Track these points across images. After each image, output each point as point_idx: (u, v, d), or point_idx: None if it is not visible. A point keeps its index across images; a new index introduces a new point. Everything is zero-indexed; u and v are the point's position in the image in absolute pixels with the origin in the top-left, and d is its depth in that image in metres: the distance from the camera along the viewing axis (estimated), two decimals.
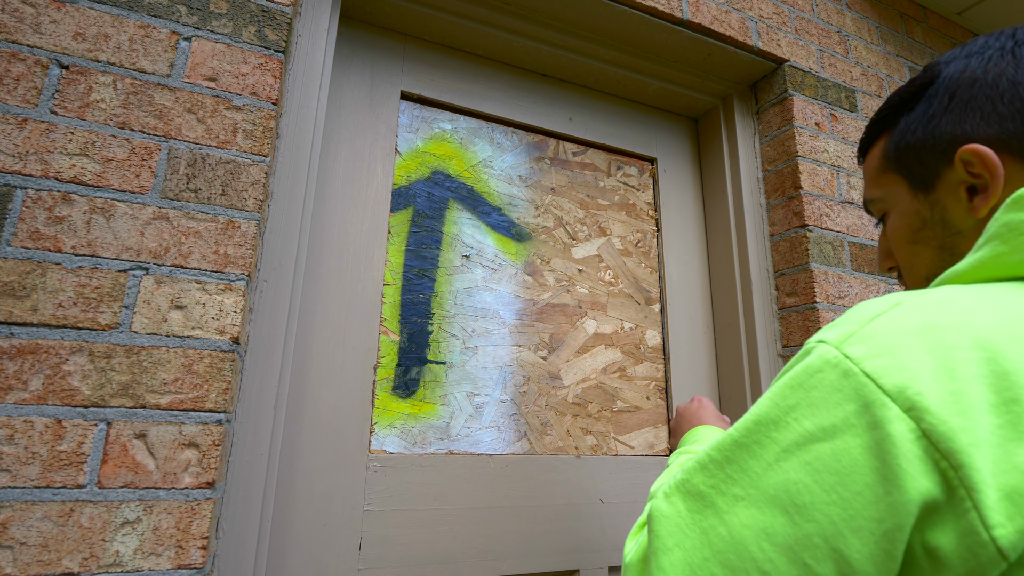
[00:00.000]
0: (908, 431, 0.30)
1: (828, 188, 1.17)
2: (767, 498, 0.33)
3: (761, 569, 0.32)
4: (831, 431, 0.32)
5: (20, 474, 0.54)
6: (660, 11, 1.07)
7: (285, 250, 0.78)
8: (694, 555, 0.35)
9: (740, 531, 0.33)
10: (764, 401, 0.36)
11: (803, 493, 0.32)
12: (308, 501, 0.80)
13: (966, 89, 0.46)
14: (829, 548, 0.31)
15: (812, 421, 0.33)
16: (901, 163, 0.51)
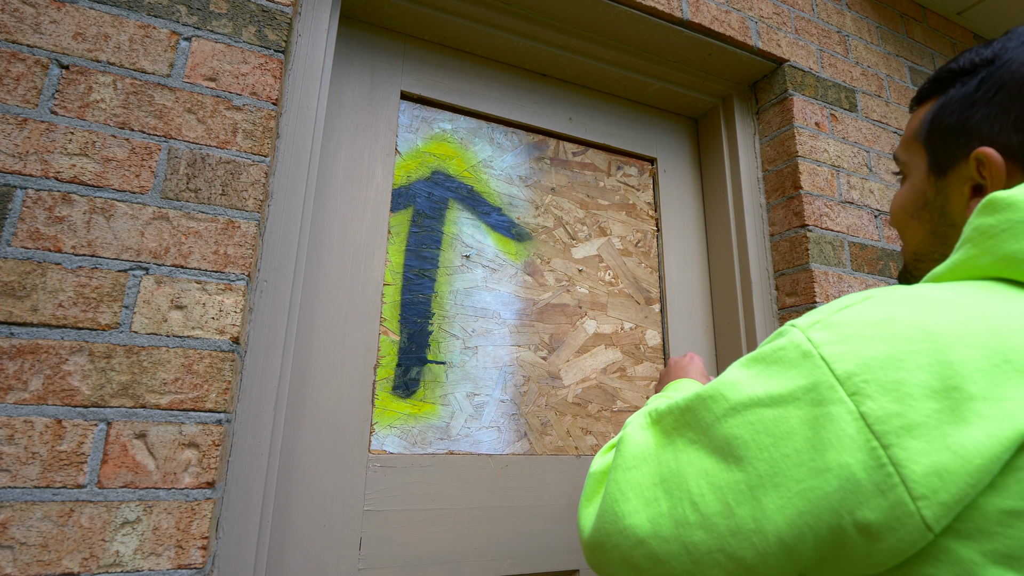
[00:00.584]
0: (847, 413, 0.34)
1: (828, 188, 1.17)
2: (713, 446, 0.39)
3: (692, 500, 0.38)
4: (778, 400, 0.37)
5: (20, 474, 0.54)
6: (660, 11, 1.07)
7: (285, 250, 0.78)
8: (646, 477, 0.42)
9: (686, 467, 0.40)
10: (732, 367, 0.42)
11: (741, 447, 0.37)
12: (308, 501, 0.80)
13: (1014, 87, 0.46)
14: (751, 495, 0.36)
15: (764, 388, 0.38)
16: (929, 139, 0.53)
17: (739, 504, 0.36)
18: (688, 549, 0.38)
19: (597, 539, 0.44)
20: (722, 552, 0.37)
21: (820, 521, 0.34)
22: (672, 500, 0.39)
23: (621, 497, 0.42)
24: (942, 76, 0.53)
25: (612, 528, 0.42)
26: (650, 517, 0.40)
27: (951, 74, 0.52)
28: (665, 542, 0.39)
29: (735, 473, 0.37)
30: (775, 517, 0.35)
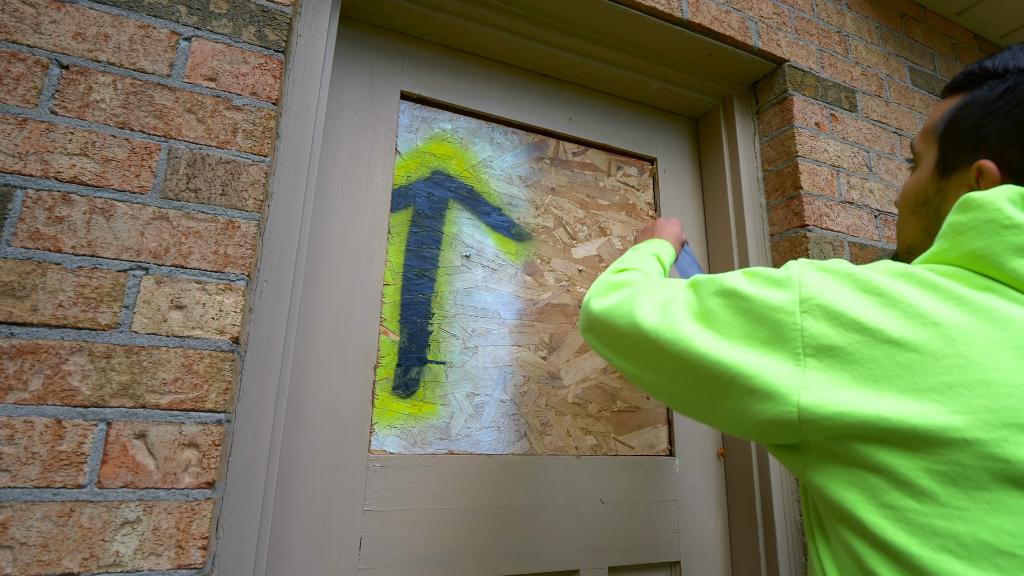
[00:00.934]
0: (797, 319, 0.44)
1: (828, 188, 1.17)
2: (702, 306, 0.52)
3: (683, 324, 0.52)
4: (753, 295, 0.48)
5: (20, 474, 0.54)
6: (660, 11, 1.07)
7: (285, 250, 0.78)
8: (662, 300, 0.56)
9: (698, 304, 0.53)
10: (737, 273, 0.54)
11: (715, 312, 0.50)
12: (308, 501, 0.80)
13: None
14: (714, 335, 0.49)
15: (749, 285, 0.49)
16: (943, 137, 0.55)
17: (709, 327, 0.50)
18: (667, 350, 0.52)
19: (607, 313, 0.61)
20: (686, 364, 0.50)
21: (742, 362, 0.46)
22: (674, 318, 0.52)
23: (643, 304, 0.57)
24: (976, 72, 0.54)
25: (626, 314, 0.57)
26: (657, 322, 0.54)
27: (984, 73, 0.53)
28: (657, 337, 0.53)
29: (710, 321, 0.50)
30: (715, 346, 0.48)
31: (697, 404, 0.51)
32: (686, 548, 1.05)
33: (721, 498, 1.12)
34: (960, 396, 0.37)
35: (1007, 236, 0.42)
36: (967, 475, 0.36)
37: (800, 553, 1.03)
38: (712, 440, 1.15)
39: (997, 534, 0.35)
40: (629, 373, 0.59)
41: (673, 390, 0.53)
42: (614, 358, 0.61)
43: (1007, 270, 0.42)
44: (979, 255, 0.43)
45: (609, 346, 0.61)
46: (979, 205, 0.44)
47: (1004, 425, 0.36)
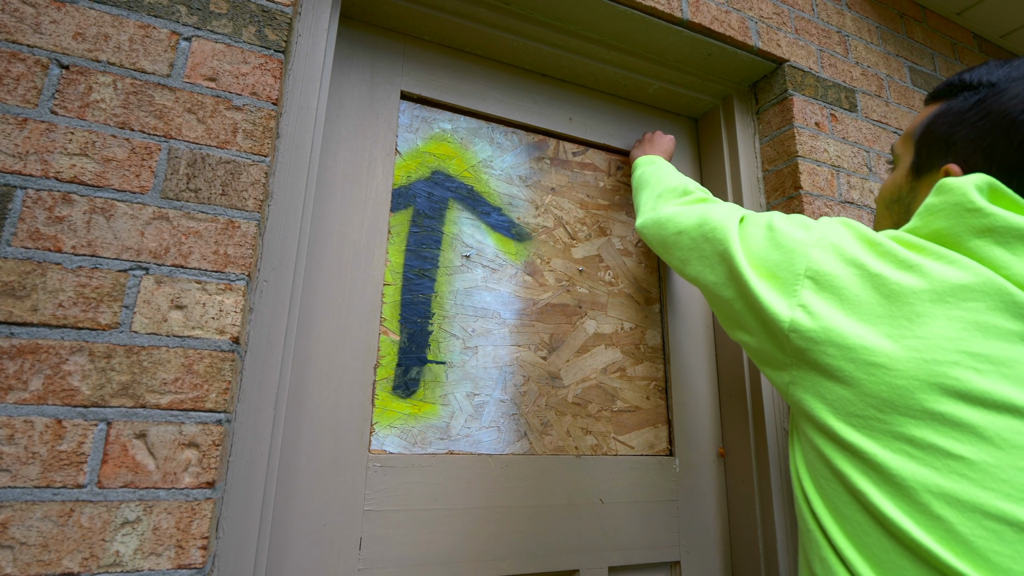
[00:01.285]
0: (809, 251, 0.55)
1: (828, 188, 1.17)
2: (746, 230, 0.64)
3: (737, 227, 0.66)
4: (783, 230, 0.59)
5: (20, 474, 0.54)
6: (660, 11, 1.07)
7: (285, 250, 0.78)
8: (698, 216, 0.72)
9: (749, 226, 0.64)
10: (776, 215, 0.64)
11: (753, 235, 0.62)
12: (308, 501, 0.80)
13: (996, 118, 0.53)
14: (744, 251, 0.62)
15: (785, 223, 0.60)
16: (920, 142, 0.61)
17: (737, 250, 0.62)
18: (696, 242, 0.69)
19: (659, 220, 0.80)
20: (708, 260, 0.66)
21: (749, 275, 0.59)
22: (728, 229, 0.65)
23: (681, 215, 0.75)
24: (955, 84, 0.60)
25: (672, 222, 0.76)
26: (690, 224, 0.71)
27: (961, 84, 0.59)
28: (690, 237, 0.70)
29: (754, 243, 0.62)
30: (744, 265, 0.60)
31: (722, 300, 0.63)
32: (686, 548, 1.05)
33: (721, 498, 1.12)
34: (925, 324, 0.45)
35: (969, 219, 0.48)
36: (922, 388, 0.43)
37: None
38: (712, 440, 1.15)
39: (946, 439, 0.42)
40: (673, 265, 0.76)
41: (710, 278, 0.66)
42: (663, 252, 0.78)
43: (964, 248, 0.48)
44: (944, 234, 0.50)
45: (664, 240, 0.77)
46: (950, 190, 0.50)
47: (958, 351, 0.44)
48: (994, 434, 0.41)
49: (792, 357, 0.53)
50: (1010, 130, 0.52)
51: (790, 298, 0.53)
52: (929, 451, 0.43)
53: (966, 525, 0.40)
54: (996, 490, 0.40)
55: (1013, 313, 0.44)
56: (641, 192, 0.95)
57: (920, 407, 0.43)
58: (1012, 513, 0.39)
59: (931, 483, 0.42)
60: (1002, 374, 0.42)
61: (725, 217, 0.66)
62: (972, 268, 0.46)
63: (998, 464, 0.40)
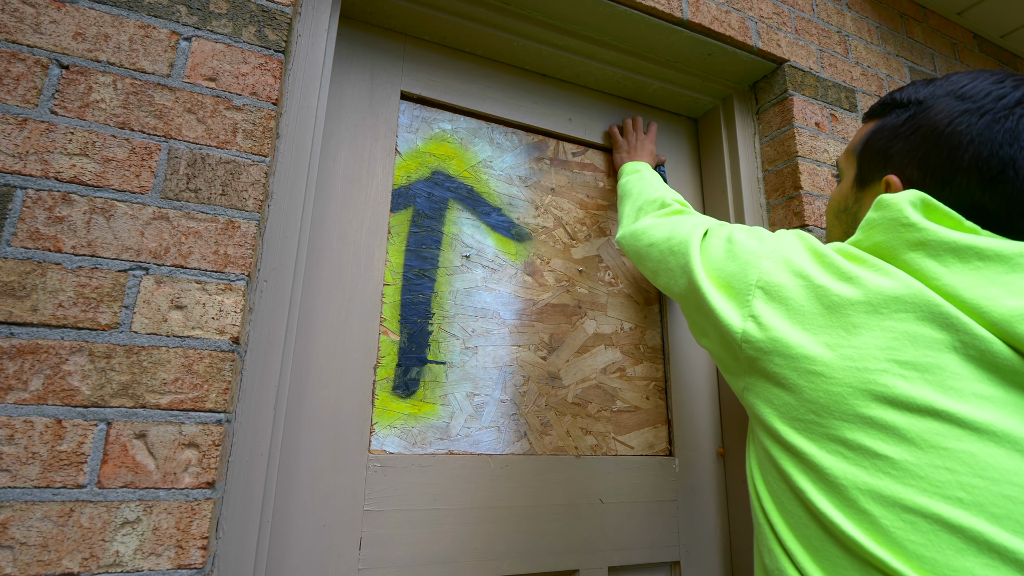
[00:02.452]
0: (763, 263, 0.58)
1: (828, 188, 1.17)
2: (707, 242, 0.67)
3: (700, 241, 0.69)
4: (740, 241, 0.62)
5: (20, 474, 0.54)
6: (660, 11, 1.07)
7: (285, 250, 0.78)
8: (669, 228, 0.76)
9: (711, 238, 0.67)
10: (737, 228, 0.67)
11: (713, 248, 0.65)
12: (308, 501, 0.80)
13: (926, 132, 0.58)
14: (703, 263, 0.65)
15: (743, 235, 0.63)
16: (860, 156, 0.66)
17: (696, 264, 0.65)
18: (664, 255, 0.73)
19: (635, 232, 0.83)
20: (672, 273, 0.70)
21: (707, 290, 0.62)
22: (691, 244, 0.68)
23: (654, 229, 0.79)
24: (887, 102, 0.65)
25: (646, 234, 0.79)
26: (660, 237, 0.75)
27: (893, 103, 0.64)
28: (659, 250, 0.74)
29: (703, 256, 0.66)
30: (702, 278, 0.63)
31: (690, 310, 0.66)
32: (686, 548, 1.05)
33: (721, 498, 1.12)
34: (860, 334, 0.48)
35: (904, 233, 0.52)
36: (855, 395, 0.47)
37: None
38: (712, 440, 1.15)
39: (874, 441, 0.46)
40: (646, 275, 0.80)
41: (675, 289, 0.70)
42: (637, 263, 0.82)
43: (901, 261, 0.51)
44: (882, 247, 0.53)
45: (638, 252, 0.81)
46: (887, 206, 0.54)
47: (887, 360, 0.47)
48: (915, 435, 0.44)
49: (745, 365, 0.56)
50: (939, 142, 0.56)
51: (743, 308, 0.56)
52: (859, 452, 0.46)
53: (887, 518, 0.44)
54: (914, 486, 0.43)
55: (939, 323, 0.46)
56: (623, 203, 0.98)
57: (852, 412, 0.47)
58: (926, 506, 0.43)
59: (859, 481, 0.46)
60: (926, 380, 0.45)
61: (690, 230, 0.69)
62: (904, 280, 0.49)
63: (917, 463, 0.44)
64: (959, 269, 0.48)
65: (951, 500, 0.42)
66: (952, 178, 0.55)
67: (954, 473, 0.43)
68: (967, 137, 0.54)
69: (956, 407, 0.44)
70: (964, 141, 0.54)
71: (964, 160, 0.54)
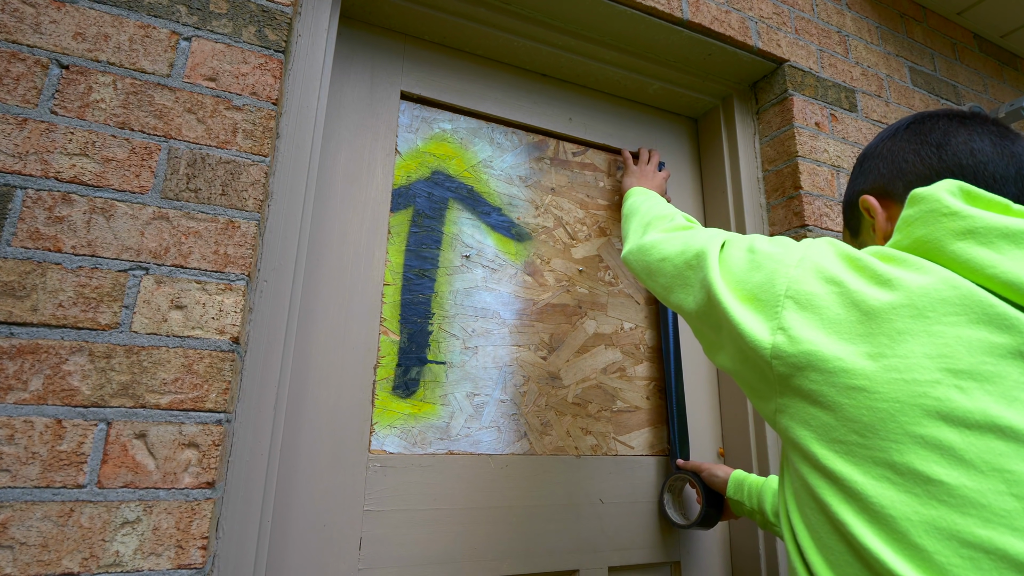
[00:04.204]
0: (792, 271, 0.52)
1: (828, 188, 1.17)
2: (727, 254, 0.61)
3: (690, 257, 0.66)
4: (764, 250, 0.57)
5: (20, 474, 0.54)
6: (660, 11, 1.07)
7: (285, 250, 0.78)
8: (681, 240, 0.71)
9: (730, 248, 0.62)
10: (757, 237, 0.63)
11: (733, 259, 0.59)
12: (308, 501, 0.80)
13: (865, 160, 0.64)
14: (723, 276, 0.59)
15: (766, 243, 0.58)
16: (845, 218, 0.69)
17: (716, 277, 0.60)
18: (679, 269, 0.67)
19: (643, 247, 0.77)
20: (690, 287, 0.64)
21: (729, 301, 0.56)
22: (708, 256, 0.62)
23: (665, 243, 0.73)
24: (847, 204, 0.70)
25: (655, 248, 0.74)
26: (673, 250, 0.70)
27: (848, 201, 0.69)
28: (673, 264, 0.68)
29: (723, 268, 0.61)
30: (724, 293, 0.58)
31: (707, 329, 0.62)
32: (686, 548, 1.05)
33: None
34: (905, 341, 0.44)
35: (947, 223, 0.48)
36: (905, 411, 0.42)
37: None
38: (712, 440, 1.15)
39: (927, 464, 0.41)
40: (657, 292, 0.74)
41: (691, 306, 0.64)
42: (647, 279, 0.76)
43: (948, 252, 0.47)
44: (925, 241, 0.49)
45: (648, 267, 0.76)
46: (923, 198, 0.51)
47: (939, 369, 0.42)
48: (975, 457, 0.39)
49: (776, 384, 0.51)
50: (878, 158, 0.62)
51: (771, 321, 0.51)
52: (909, 477, 0.41)
53: (943, 554, 0.39)
54: (975, 516, 0.39)
55: (997, 325, 0.42)
56: (629, 221, 0.94)
57: (901, 430, 0.42)
58: (989, 540, 0.38)
59: (910, 510, 0.41)
60: (986, 391, 0.40)
61: (706, 242, 0.65)
62: (950, 280, 0.45)
63: (978, 488, 0.39)
64: (1016, 255, 0.44)
65: (1018, 532, 0.37)
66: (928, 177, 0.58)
67: (1022, 500, 0.38)
68: (887, 147, 0.62)
69: (1022, 422, 0.39)
70: (891, 148, 0.61)
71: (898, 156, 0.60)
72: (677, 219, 0.83)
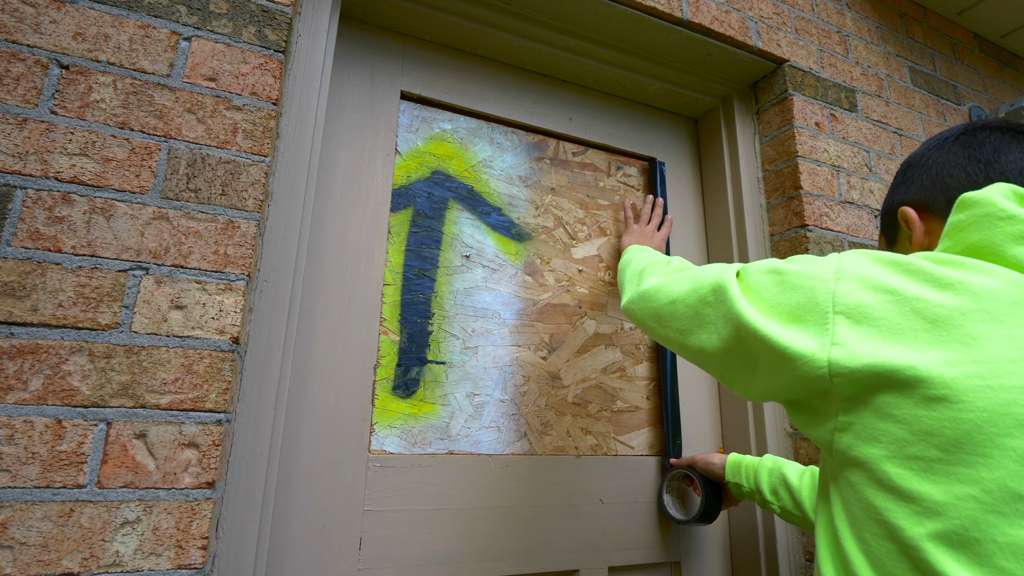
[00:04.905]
0: (831, 285, 0.48)
1: (828, 188, 1.17)
2: (749, 281, 0.57)
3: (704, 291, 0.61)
4: (792, 269, 0.53)
5: (20, 474, 0.54)
6: (660, 11, 1.07)
7: (285, 250, 0.78)
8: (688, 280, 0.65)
9: (750, 275, 0.57)
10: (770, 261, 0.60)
11: (758, 285, 0.55)
12: (308, 501, 0.80)
13: (910, 169, 0.63)
14: (753, 304, 0.54)
15: (790, 264, 0.54)
16: (882, 226, 0.68)
17: (744, 307, 0.54)
18: (694, 308, 0.61)
19: (645, 293, 0.71)
20: (713, 326, 0.58)
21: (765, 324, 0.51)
22: (727, 288, 0.57)
23: (670, 285, 0.67)
24: (886, 210, 0.69)
25: (659, 293, 0.68)
26: (682, 291, 0.64)
27: (890, 208, 0.68)
28: (686, 305, 0.62)
29: (751, 296, 0.55)
30: (758, 319, 0.53)
31: (738, 365, 0.56)
32: (686, 548, 1.05)
33: None
34: (983, 346, 0.40)
35: (1004, 227, 0.46)
36: (993, 421, 0.38)
37: (800, 553, 1.03)
38: (712, 440, 1.15)
39: (1018, 480, 0.37)
40: (671, 340, 0.66)
41: (716, 344, 0.58)
42: (658, 327, 0.69)
43: (1008, 257, 0.45)
44: (980, 246, 0.47)
45: (656, 313, 0.69)
46: (975, 202, 0.49)
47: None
48: None
49: (838, 403, 0.47)
50: (922, 169, 0.61)
51: (822, 338, 0.46)
52: (999, 495, 0.38)
53: None
54: None
55: None
56: (623, 274, 0.89)
57: (991, 443, 0.38)
58: None
59: (998, 532, 0.37)
60: None
61: (719, 275, 0.60)
62: (1019, 281, 0.43)
63: None
64: None
65: None
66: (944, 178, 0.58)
67: None
68: (934, 158, 0.60)
69: None
70: (936, 159, 0.60)
71: (943, 170, 0.59)
72: (674, 262, 0.80)
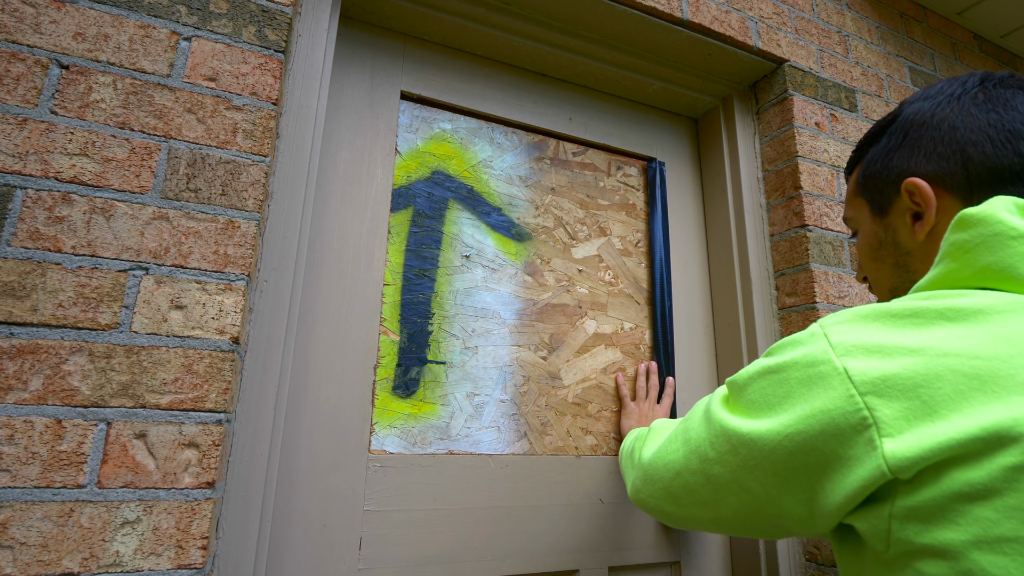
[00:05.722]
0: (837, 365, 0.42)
1: (828, 188, 1.17)
2: (743, 401, 0.49)
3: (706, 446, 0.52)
4: (783, 362, 0.46)
5: (20, 474, 0.54)
6: (660, 11, 1.07)
7: (285, 250, 0.78)
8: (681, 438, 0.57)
9: (737, 402, 0.51)
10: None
11: (756, 399, 0.48)
12: (308, 501, 0.80)
13: (916, 129, 0.55)
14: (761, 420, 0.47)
15: (775, 357, 0.48)
16: (866, 189, 0.61)
17: (752, 427, 0.46)
18: (707, 478, 0.51)
19: (647, 475, 0.61)
20: (735, 483, 0.48)
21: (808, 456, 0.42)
22: (722, 424, 0.49)
23: (663, 453, 0.58)
24: (859, 146, 0.63)
25: (658, 465, 0.59)
26: (680, 457, 0.54)
27: (866, 140, 0.62)
28: (692, 472, 0.52)
29: (754, 413, 0.47)
30: (774, 429, 0.44)
31: (775, 506, 0.46)
32: (686, 548, 1.05)
33: None
34: None
35: (1018, 246, 0.43)
36: None
37: (800, 553, 1.03)
38: None
39: None
40: (703, 520, 0.54)
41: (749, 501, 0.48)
42: (679, 510, 0.57)
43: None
44: (994, 269, 0.43)
45: (670, 493, 0.57)
46: (980, 220, 0.44)
47: None
48: None
49: (898, 494, 0.39)
50: (932, 128, 0.53)
51: (862, 433, 0.39)
52: None
53: None
54: None
55: None
56: (622, 462, 0.82)
57: None
58: None
59: None
60: None
61: (705, 415, 0.52)
62: None
63: None
64: None
65: None
66: (968, 152, 0.50)
67: None
68: (950, 121, 0.52)
69: None
70: (954, 123, 0.52)
71: (963, 137, 0.51)
72: (658, 422, 0.72)
